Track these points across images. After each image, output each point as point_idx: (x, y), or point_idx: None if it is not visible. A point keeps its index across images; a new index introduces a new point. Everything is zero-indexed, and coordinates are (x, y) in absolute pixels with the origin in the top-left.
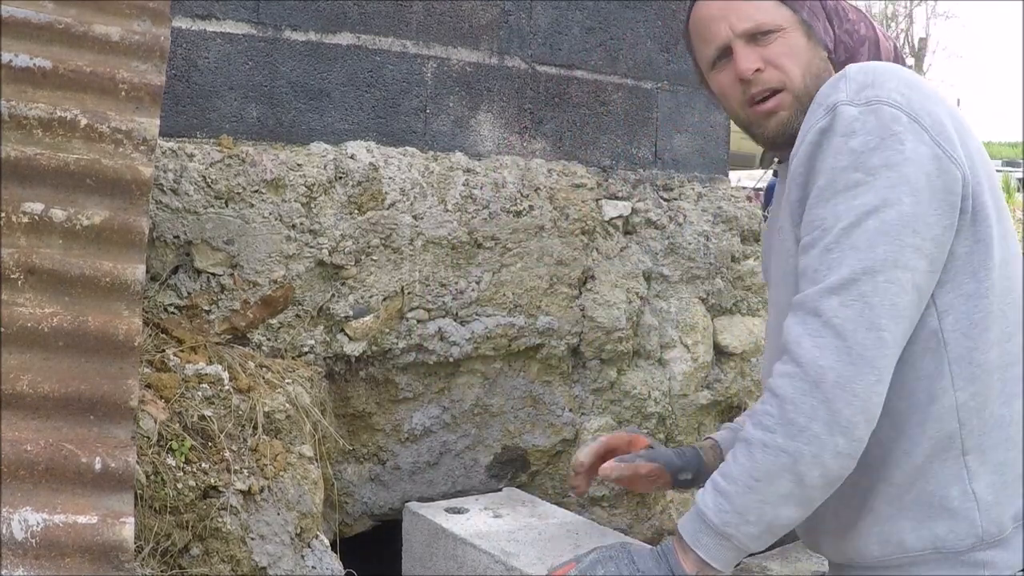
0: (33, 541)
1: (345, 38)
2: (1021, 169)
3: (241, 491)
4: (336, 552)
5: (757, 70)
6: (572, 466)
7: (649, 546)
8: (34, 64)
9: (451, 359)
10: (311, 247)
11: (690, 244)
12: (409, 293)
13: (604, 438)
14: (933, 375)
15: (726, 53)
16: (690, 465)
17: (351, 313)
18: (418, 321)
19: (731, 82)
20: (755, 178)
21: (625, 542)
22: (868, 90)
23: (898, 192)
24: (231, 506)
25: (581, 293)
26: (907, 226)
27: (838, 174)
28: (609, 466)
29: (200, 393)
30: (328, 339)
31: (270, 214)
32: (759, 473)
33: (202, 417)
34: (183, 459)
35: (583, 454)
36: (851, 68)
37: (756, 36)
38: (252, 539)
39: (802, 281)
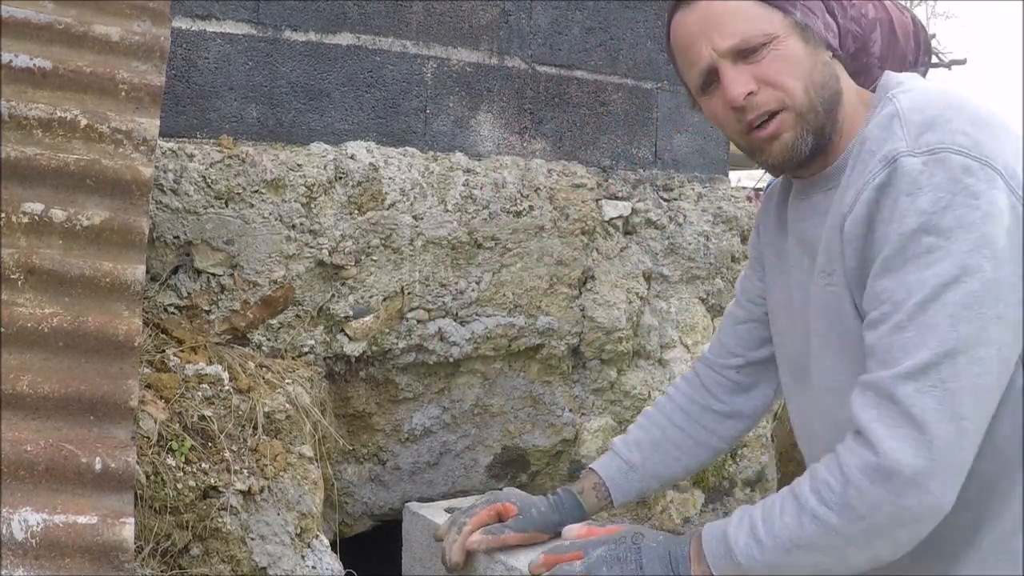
0: (33, 541)
1: (345, 38)
2: None
3: (241, 491)
4: (336, 552)
5: (750, 94)
6: (450, 567)
7: (664, 536)
8: (34, 64)
9: (451, 359)
10: (311, 247)
11: (690, 244)
12: (409, 293)
13: (471, 523)
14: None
15: (714, 76)
16: (570, 517)
17: (351, 313)
18: (418, 321)
19: (723, 109)
20: (755, 178)
21: (636, 535)
22: (928, 134)
23: (978, 257)
24: (231, 506)
25: (581, 293)
26: (990, 295)
27: (907, 240)
28: (475, 540)
29: (200, 393)
30: (328, 339)
31: (270, 214)
32: (802, 541)
33: (202, 417)
34: (183, 459)
35: (456, 554)
36: (903, 104)
37: (744, 52)
38: (252, 539)
39: (871, 360)
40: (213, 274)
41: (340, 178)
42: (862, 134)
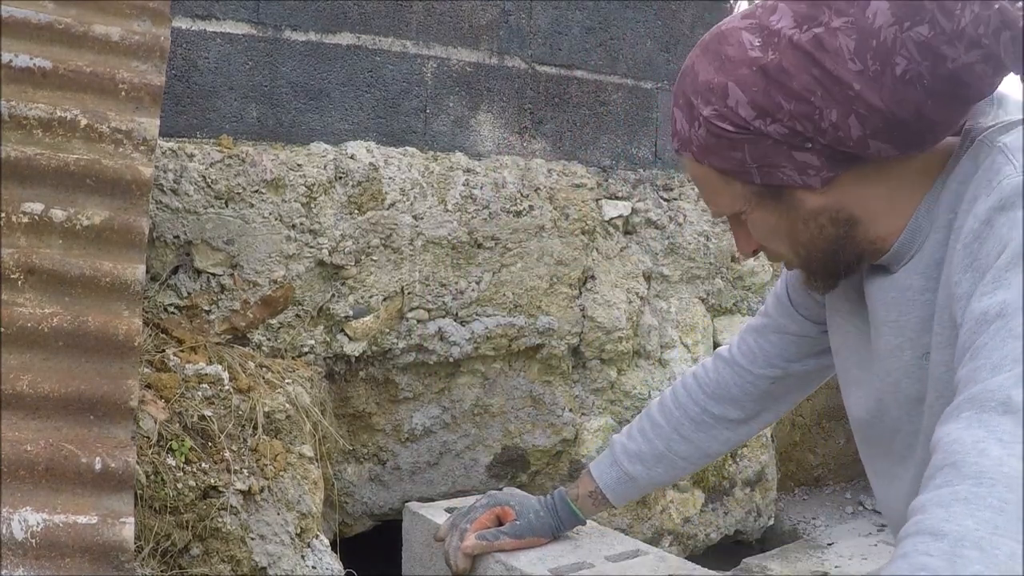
0: (33, 541)
1: (345, 38)
2: None
3: (241, 491)
4: (336, 552)
5: (755, 251)
6: (456, 573)
7: None
8: (34, 64)
9: (451, 359)
10: (311, 247)
11: (690, 244)
12: (409, 293)
13: (471, 528)
14: None
15: None
16: (566, 524)
17: (351, 313)
18: (418, 321)
19: None
20: None
21: None
22: None
23: None
24: (231, 506)
25: (581, 293)
26: None
27: (1020, 247)
28: (470, 545)
29: (200, 393)
30: (328, 339)
31: (270, 214)
32: None
33: (202, 417)
34: (183, 459)
35: (462, 560)
36: (1005, 140)
37: (732, 217)
38: (252, 539)
39: (970, 385)
40: (213, 274)
41: (340, 178)
42: (946, 192)
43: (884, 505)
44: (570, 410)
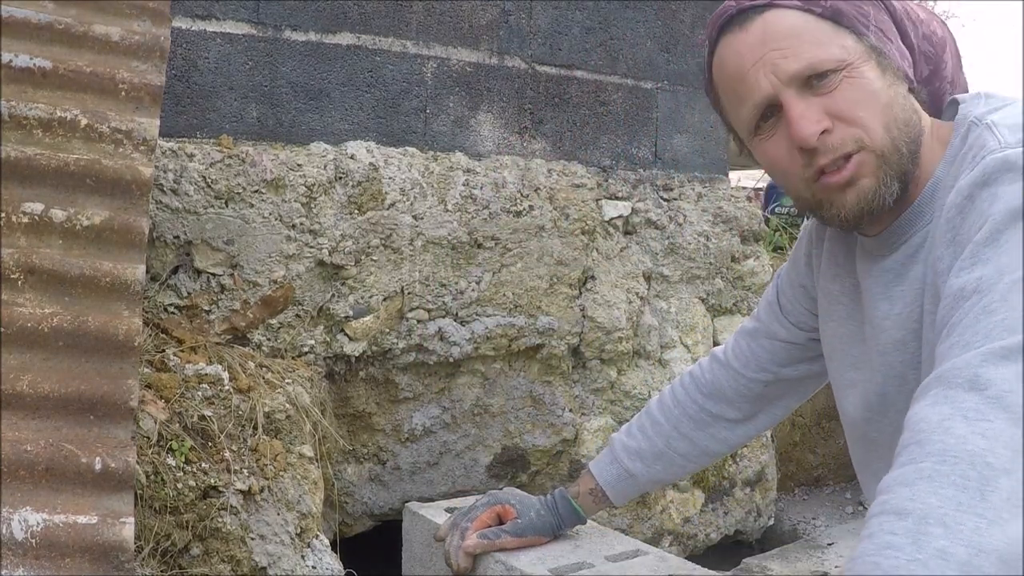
0: (33, 541)
1: (345, 38)
2: None
3: (241, 491)
4: (336, 552)
5: (824, 131)
6: (457, 573)
7: None
8: (34, 64)
9: (451, 359)
10: (311, 247)
11: (690, 244)
12: (409, 293)
13: (472, 527)
14: None
15: (773, 111)
16: (567, 522)
17: (351, 313)
18: (418, 321)
19: (787, 151)
20: (755, 178)
21: None
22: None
23: None
24: (231, 506)
25: (581, 293)
26: None
27: (1002, 224)
28: (471, 544)
29: (200, 393)
30: (328, 339)
31: (270, 214)
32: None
33: (202, 417)
34: (183, 459)
35: (464, 560)
36: (995, 119)
37: (812, 81)
38: (252, 539)
39: (943, 362)
40: (213, 274)
41: (340, 178)
42: (937, 174)
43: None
44: (570, 410)
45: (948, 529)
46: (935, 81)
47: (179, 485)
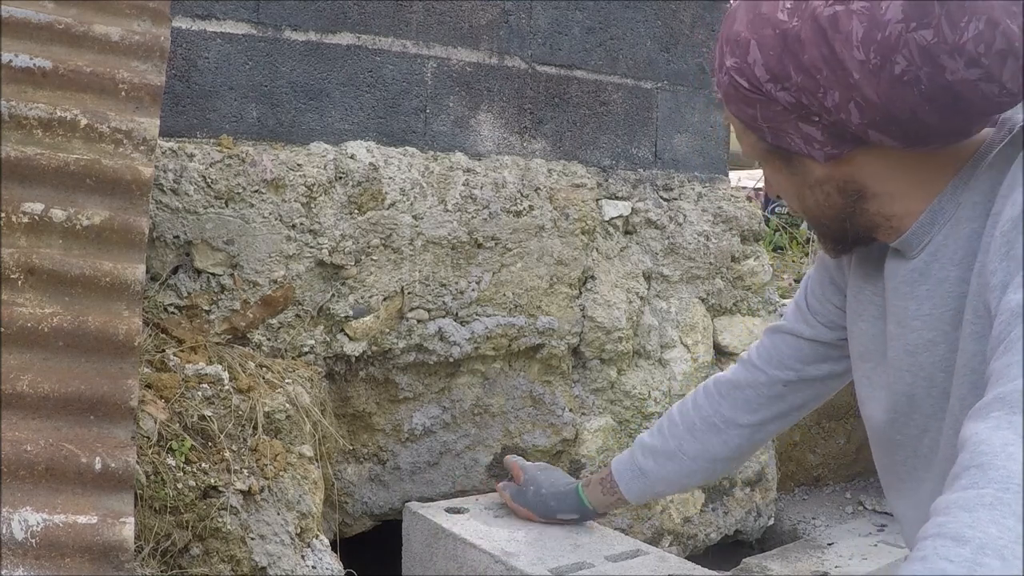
0: (33, 541)
1: (345, 38)
2: None
3: (241, 491)
4: (336, 552)
5: (778, 196)
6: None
7: None
8: (34, 64)
9: (451, 359)
10: (311, 247)
11: (690, 244)
12: (409, 293)
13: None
14: None
15: None
16: (564, 508)
17: (351, 313)
18: (418, 321)
19: None
20: (755, 178)
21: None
22: None
23: None
24: (231, 506)
25: (581, 293)
26: None
27: None
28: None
29: (200, 393)
30: (328, 339)
31: (270, 214)
32: None
33: (202, 417)
34: (183, 459)
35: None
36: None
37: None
38: (252, 539)
39: (1001, 380)
40: (213, 274)
41: (340, 178)
42: (960, 176)
43: (905, 514)
44: (570, 410)
45: (1006, 562)
46: (890, 141)
47: (179, 485)
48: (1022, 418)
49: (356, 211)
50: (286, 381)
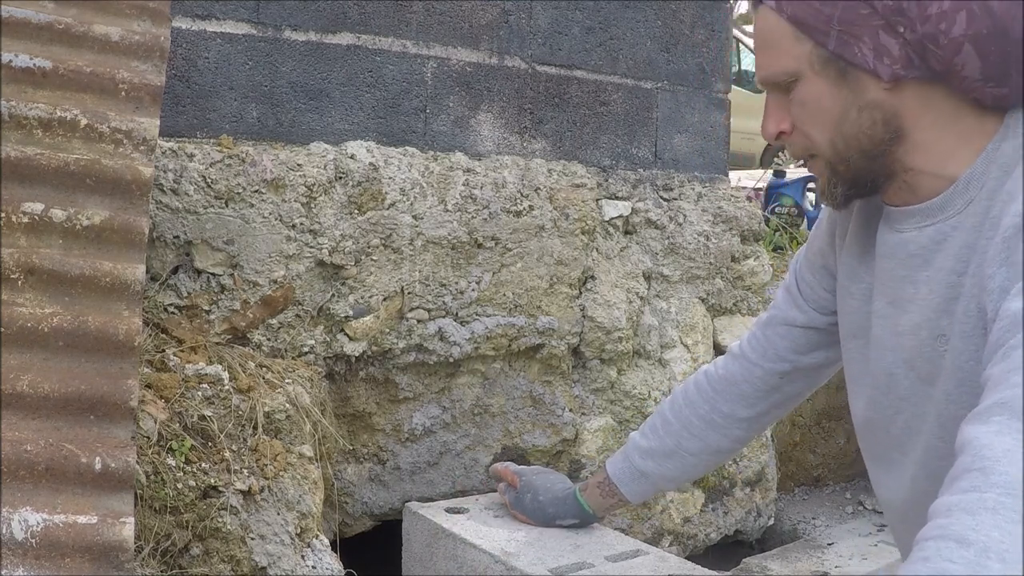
0: (33, 541)
1: (345, 38)
2: None
3: (241, 491)
4: (336, 552)
5: (782, 132)
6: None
7: None
8: (34, 64)
9: (451, 359)
10: (311, 247)
11: (690, 244)
12: (409, 293)
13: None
14: None
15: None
16: (563, 514)
17: (351, 313)
18: (418, 321)
19: None
20: (755, 178)
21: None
22: None
23: None
24: (231, 506)
25: (581, 293)
26: None
27: None
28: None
29: (200, 393)
30: (328, 339)
31: (270, 214)
32: None
33: (202, 417)
34: (183, 459)
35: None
36: None
37: (779, 85)
38: (252, 539)
39: (1000, 386)
40: (213, 274)
41: (340, 178)
42: (975, 167)
43: (881, 495)
44: (570, 410)
45: (1007, 565)
46: (953, 80)
47: (179, 485)
48: (1023, 425)
49: (356, 211)
50: (286, 381)
